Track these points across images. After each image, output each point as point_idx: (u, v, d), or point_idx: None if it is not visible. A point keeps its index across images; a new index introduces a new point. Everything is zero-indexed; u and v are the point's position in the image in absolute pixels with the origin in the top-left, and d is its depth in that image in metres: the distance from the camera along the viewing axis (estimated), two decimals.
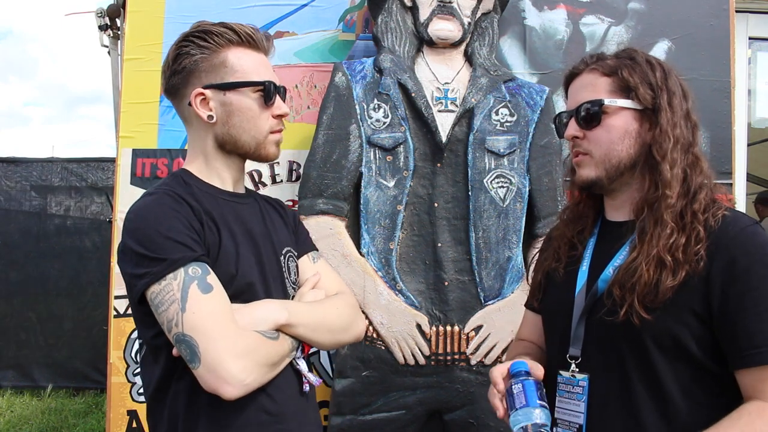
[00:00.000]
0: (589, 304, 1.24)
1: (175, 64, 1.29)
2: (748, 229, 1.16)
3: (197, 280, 1.14)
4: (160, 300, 1.13)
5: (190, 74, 1.29)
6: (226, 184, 1.34)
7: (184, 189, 1.26)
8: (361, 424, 2.04)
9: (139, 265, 1.15)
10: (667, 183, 1.19)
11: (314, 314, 1.28)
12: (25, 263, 5.81)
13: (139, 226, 1.18)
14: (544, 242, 1.51)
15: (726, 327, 1.12)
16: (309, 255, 1.46)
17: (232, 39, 1.29)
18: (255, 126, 1.30)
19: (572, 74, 1.33)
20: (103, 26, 2.86)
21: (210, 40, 1.28)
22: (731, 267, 1.12)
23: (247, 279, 1.25)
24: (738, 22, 2.55)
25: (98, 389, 5.44)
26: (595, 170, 1.27)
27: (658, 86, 1.24)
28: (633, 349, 1.18)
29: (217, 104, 1.28)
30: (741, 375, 1.12)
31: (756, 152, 4.17)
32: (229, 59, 1.28)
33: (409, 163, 2.11)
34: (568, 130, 1.29)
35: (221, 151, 1.32)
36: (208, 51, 1.28)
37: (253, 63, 1.30)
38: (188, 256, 1.15)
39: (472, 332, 2.07)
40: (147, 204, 1.22)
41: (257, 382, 1.15)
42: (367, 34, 2.35)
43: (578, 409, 1.23)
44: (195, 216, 1.21)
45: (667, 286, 1.13)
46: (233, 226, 1.28)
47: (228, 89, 1.27)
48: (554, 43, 2.41)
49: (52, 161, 6.04)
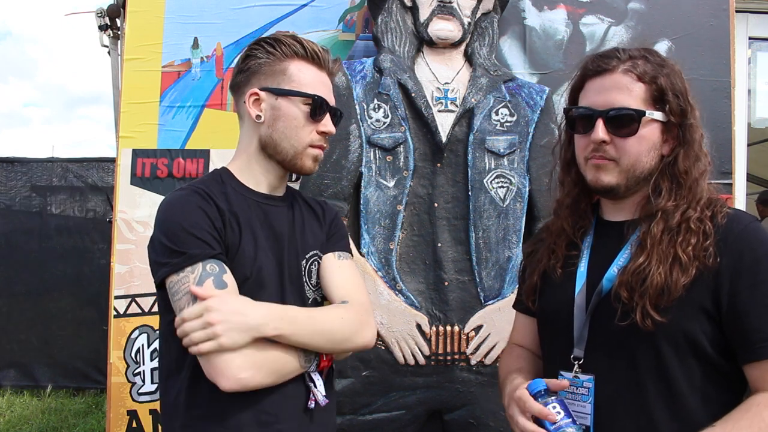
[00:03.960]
0: (593, 305, 1.24)
1: (243, 63, 1.39)
2: (751, 225, 1.18)
3: (213, 277, 1.21)
4: (176, 289, 1.21)
5: (253, 75, 1.37)
6: (261, 186, 1.39)
7: (218, 187, 1.34)
8: (361, 424, 2.04)
9: (162, 254, 1.24)
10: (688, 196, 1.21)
11: (310, 323, 1.26)
12: (25, 263, 5.81)
13: (167, 219, 1.27)
14: (535, 242, 1.47)
15: (735, 321, 1.13)
16: (335, 253, 1.45)
17: (297, 51, 1.36)
18: (296, 135, 1.35)
19: (600, 69, 1.25)
20: (103, 26, 2.86)
21: (278, 48, 1.36)
22: (739, 262, 1.14)
23: (260, 281, 1.29)
24: (738, 22, 2.55)
25: (98, 389, 5.44)
26: (617, 178, 1.24)
27: (688, 102, 1.23)
28: (643, 349, 1.17)
29: (267, 106, 1.36)
30: (750, 368, 1.13)
31: (756, 152, 4.17)
32: (290, 69, 1.36)
33: (409, 163, 2.11)
34: (598, 133, 1.22)
35: (263, 153, 1.38)
36: (273, 57, 1.36)
37: (311, 78, 1.37)
38: (207, 253, 1.22)
39: (472, 332, 2.07)
40: (177, 198, 1.30)
41: (254, 381, 1.18)
42: (367, 34, 2.34)
43: (584, 411, 1.22)
44: (219, 215, 1.28)
45: (680, 284, 1.14)
46: (257, 229, 1.33)
47: (281, 95, 1.35)
48: (554, 43, 2.41)
49: (52, 161, 6.04)
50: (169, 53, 2.38)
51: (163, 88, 2.37)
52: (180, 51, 2.37)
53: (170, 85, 2.37)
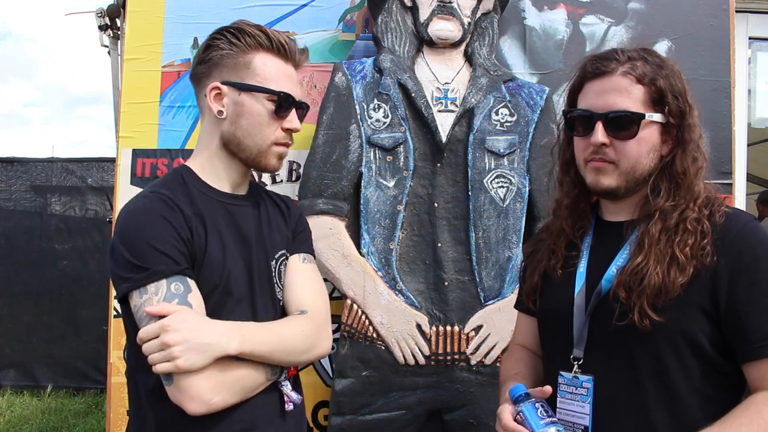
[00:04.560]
0: (593, 305, 1.24)
1: (204, 53, 1.30)
2: (749, 224, 1.18)
3: (178, 299, 1.14)
4: (140, 315, 1.15)
5: (214, 67, 1.29)
6: (223, 185, 1.33)
7: (181, 189, 1.26)
8: (361, 424, 2.04)
9: (124, 268, 1.17)
10: (686, 196, 1.21)
11: (270, 338, 1.23)
12: (25, 263, 5.81)
13: (128, 231, 1.19)
14: (535, 242, 1.47)
15: (734, 320, 1.13)
16: (300, 255, 1.42)
17: (263, 43, 1.28)
18: (260, 132, 1.29)
19: (599, 72, 1.25)
20: (103, 26, 2.86)
21: (242, 39, 1.28)
22: (737, 261, 1.13)
23: (229, 289, 1.24)
24: (738, 22, 2.55)
25: (98, 389, 5.44)
26: (616, 180, 1.24)
27: (687, 102, 1.23)
28: (643, 349, 1.17)
29: (230, 102, 1.28)
30: (749, 367, 1.13)
31: (756, 152, 4.17)
32: (254, 62, 1.28)
33: (409, 163, 2.11)
34: (597, 136, 1.21)
35: (225, 151, 1.31)
36: (237, 49, 1.28)
37: (276, 71, 1.29)
38: (171, 269, 1.16)
39: (472, 332, 2.07)
40: (139, 208, 1.22)
41: (224, 403, 1.16)
42: (367, 34, 2.35)
43: (583, 411, 1.22)
44: (185, 223, 1.21)
45: (677, 283, 1.14)
46: (224, 232, 1.27)
47: (244, 90, 1.27)
48: (554, 43, 2.41)
49: (52, 161, 6.05)
50: (169, 53, 2.38)
51: (163, 88, 2.37)
52: (180, 51, 2.38)
53: (170, 85, 2.37)
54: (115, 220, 1.22)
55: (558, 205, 1.40)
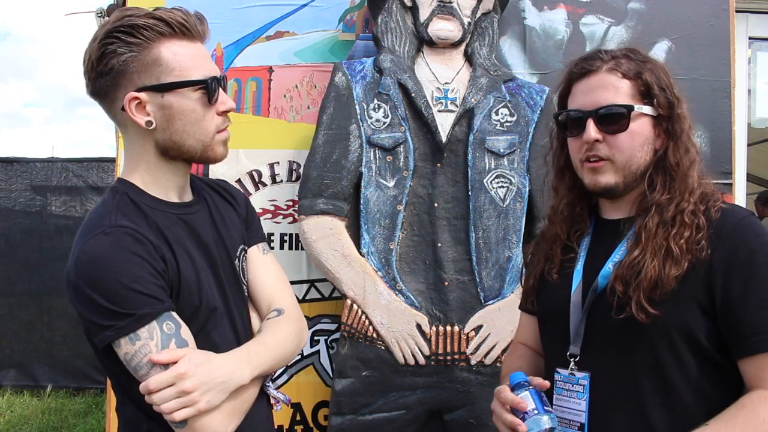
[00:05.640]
0: (589, 301, 1.24)
1: (101, 64, 1.14)
2: (745, 219, 1.18)
3: (174, 339, 1.10)
4: (138, 363, 1.09)
5: (120, 75, 1.14)
6: (170, 194, 1.25)
7: (136, 213, 1.17)
8: (361, 424, 2.04)
9: (102, 316, 1.08)
10: (681, 188, 1.21)
11: (271, 354, 1.25)
12: (25, 263, 5.82)
13: (99, 276, 1.08)
14: (534, 245, 1.49)
15: (729, 316, 1.13)
16: (259, 246, 1.40)
17: (163, 31, 1.14)
18: (200, 129, 1.19)
19: (584, 71, 1.27)
20: None
21: (139, 35, 1.12)
22: (732, 256, 1.13)
23: (210, 305, 1.21)
24: (738, 22, 2.55)
25: (98, 389, 5.45)
26: (614, 177, 1.24)
27: (674, 95, 1.24)
28: (639, 344, 1.18)
29: (155, 108, 1.16)
30: (744, 363, 1.13)
31: (756, 152, 4.18)
32: (163, 56, 1.14)
33: (409, 163, 2.11)
34: (590, 133, 1.22)
35: (164, 158, 1.21)
36: (138, 48, 1.13)
37: (190, 57, 1.16)
38: (158, 310, 1.10)
39: (472, 332, 2.07)
40: (105, 249, 1.10)
41: (235, 426, 1.18)
42: (367, 34, 2.34)
43: (579, 408, 1.22)
44: (157, 253, 1.13)
45: (671, 276, 1.14)
46: (188, 247, 1.21)
47: (166, 91, 1.15)
48: (554, 43, 2.41)
49: (52, 161, 6.05)
50: None
51: None
52: None
53: None
54: (72, 258, 1.12)
55: (553, 211, 1.41)
